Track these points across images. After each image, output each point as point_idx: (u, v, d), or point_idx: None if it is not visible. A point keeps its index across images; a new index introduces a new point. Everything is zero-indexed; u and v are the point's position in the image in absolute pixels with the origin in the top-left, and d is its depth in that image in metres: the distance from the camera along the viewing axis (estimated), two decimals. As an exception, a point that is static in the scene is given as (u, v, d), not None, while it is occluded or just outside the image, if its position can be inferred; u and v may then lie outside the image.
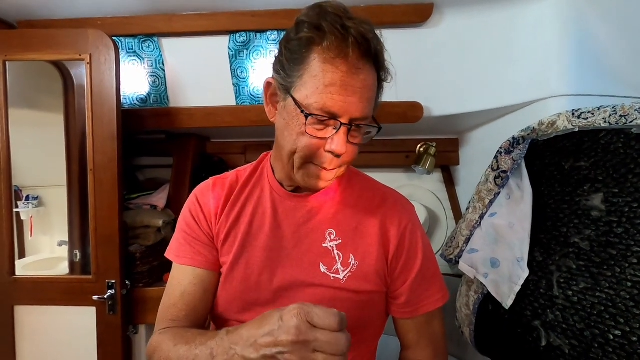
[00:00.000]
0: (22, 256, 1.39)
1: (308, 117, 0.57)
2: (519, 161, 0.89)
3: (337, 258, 0.67)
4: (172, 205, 1.43)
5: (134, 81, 1.30)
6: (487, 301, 0.95)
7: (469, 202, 1.04)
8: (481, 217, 0.98)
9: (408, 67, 1.22)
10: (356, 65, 0.56)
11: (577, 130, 0.77)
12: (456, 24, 1.16)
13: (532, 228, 0.85)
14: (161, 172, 1.64)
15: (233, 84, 1.29)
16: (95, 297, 1.17)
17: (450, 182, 1.57)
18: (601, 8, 0.98)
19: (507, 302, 0.86)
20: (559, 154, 0.83)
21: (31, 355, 1.24)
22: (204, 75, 1.30)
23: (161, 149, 1.56)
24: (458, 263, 1.02)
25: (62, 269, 1.34)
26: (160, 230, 1.34)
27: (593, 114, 0.75)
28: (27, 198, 1.42)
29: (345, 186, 0.73)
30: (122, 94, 1.27)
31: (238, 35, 1.23)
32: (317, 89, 0.56)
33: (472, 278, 0.98)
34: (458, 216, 1.53)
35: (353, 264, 0.67)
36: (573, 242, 0.77)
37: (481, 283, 0.94)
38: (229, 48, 1.24)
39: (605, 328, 0.69)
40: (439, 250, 1.46)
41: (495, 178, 0.94)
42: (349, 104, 0.56)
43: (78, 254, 1.31)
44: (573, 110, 0.79)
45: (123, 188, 1.22)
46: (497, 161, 0.93)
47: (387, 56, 0.61)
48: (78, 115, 1.28)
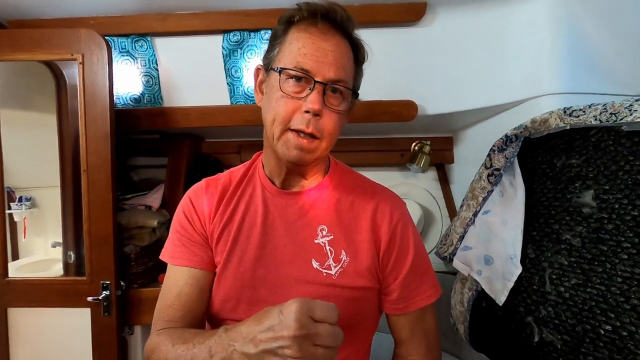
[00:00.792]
0: (16, 258, 1.38)
1: (282, 72, 0.61)
2: (512, 159, 0.90)
3: (329, 254, 0.67)
4: (167, 205, 1.42)
5: (127, 81, 1.29)
6: (481, 298, 0.95)
7: (463, 200, 1.05)
8: (475, 215, 0.98)
9: (402, 66, 1.22)
10: (326, 32, 0.62)
11: (569, 128, 0.78)
12: (449, 23, 1.17)
13: (525, 225, 0.86)
14: (155, 172, 1.63)
15: (227, 84, 1.29)
16: (89, 299, 1.16)
17: (444, 180, 1.58)
18: (593, 7, 0.99)
19: (501, 299, 0.87)
20: (551, 152, 0.84)
21: (26, 358, 1.23)
22: (198, 74, 1.30)
23: (155, 149, 1.55)
24: (452, 261, 1.03)
25: (56, 271, 1.33)
26: (155, 230, 1.33)
27: (584, 112, 0.76)
28: (20, 199, 1.40)
29: (336, 183, 0.73)
30: (116, 94, 1.26)
31: (232, 34, 1.23)
32: (292, 53, 0.61)
33: (466, 275, 0.99)
34: (453, 214, 1.54)
35: (344, 260, 0.67)
36: (565, 239, 0.78)
37: (475, 280, 0.95)
38: (223, 47, 1.24)
39: (596, 323, 0.70)
40: (434, 248, 1.47)
41: (488, 176, 0.94)
42: (322, 64, 0.60)
43: (72, 255, 1.30)
44: (565, 108, 0.80)
45: (117, 188, 1.22)
46: (490, 159, 0.94)
47: (367, 48, 0.67)
48: (71, 115, 1.27)
